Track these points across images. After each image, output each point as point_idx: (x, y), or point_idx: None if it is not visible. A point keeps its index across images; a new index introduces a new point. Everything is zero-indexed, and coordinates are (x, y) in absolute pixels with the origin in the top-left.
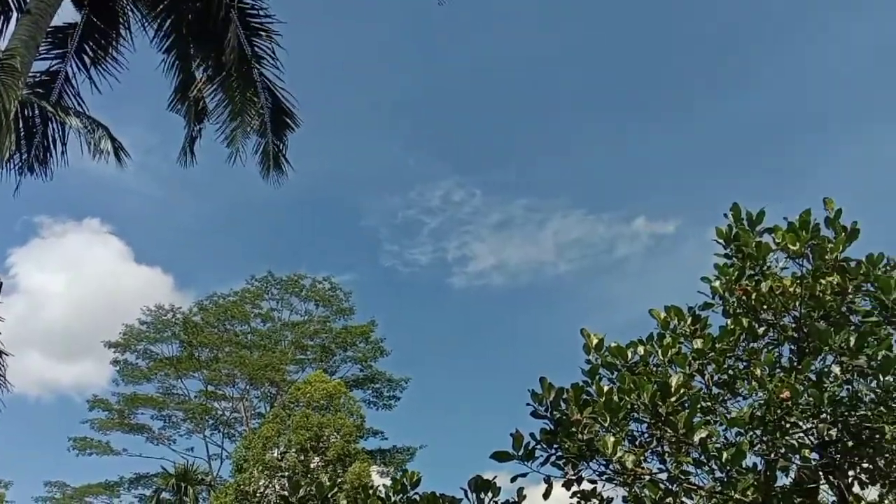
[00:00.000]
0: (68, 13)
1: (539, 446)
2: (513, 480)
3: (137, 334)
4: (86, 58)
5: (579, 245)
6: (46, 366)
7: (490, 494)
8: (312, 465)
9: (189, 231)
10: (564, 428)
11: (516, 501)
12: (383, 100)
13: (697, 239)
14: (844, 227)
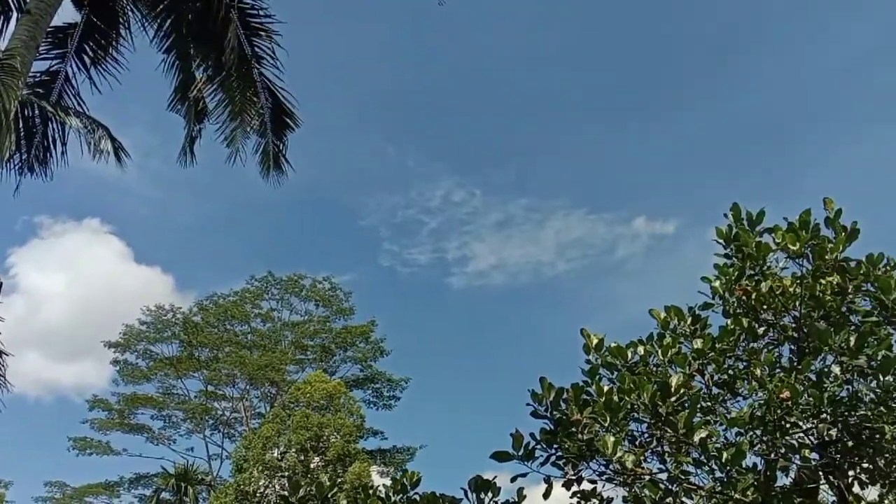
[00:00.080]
0: (68, 13)
1: (539, 446)
2: (513, 480)
3: (137, 334)
4: (86, 58)
5: (579, 245)
6: (46, 366)
7: (490, 494)
8: (312, 465)
9: (189, 231)
10: (564, 428)
11: (516, 501)
12: (383, 100)
13: (697, 239)
14: (844, 227)
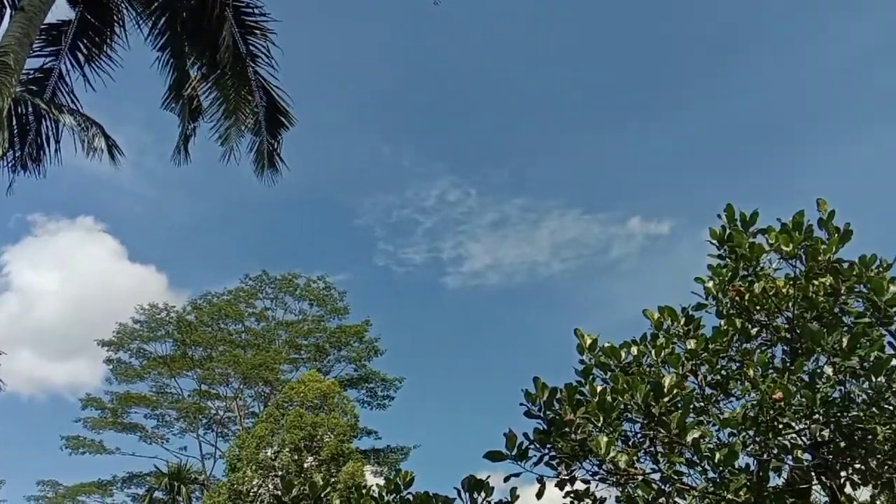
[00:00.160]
0: (62, 10)
1: (532, 446)
2: (506, 480)
3: (131, 333)
4: (80, 55)
5: (574, 245)
6: (39, 364)
7: (483, 494)
8: (306, 465)
9: (183, 229)
10: (558, 428)
11: (509, 501)
12: (378, 99)
13: (692, 239)
14: (837, 228)
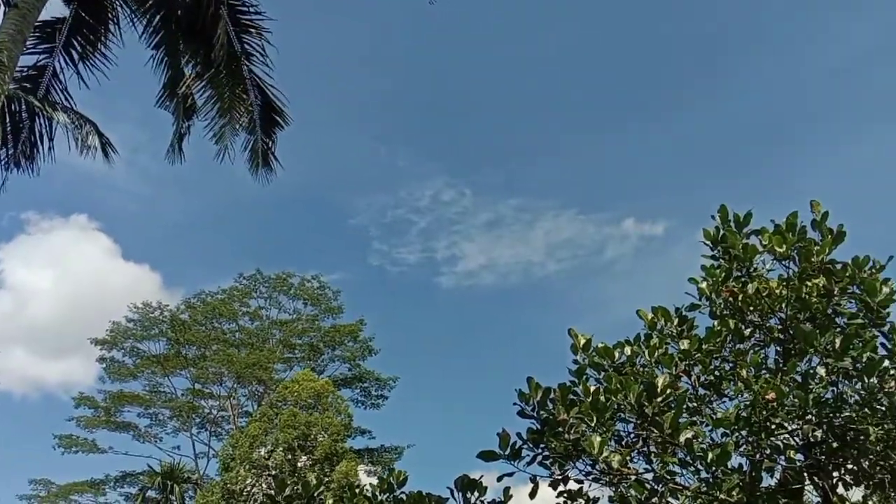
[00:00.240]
0: (56, 7)
1: (526, 446)
2: (499, 480)
3: (124, 332)
4: (74, 53)
5: (569, 245)
6: (32, 363)
7: (476, 494)
8: (299, 464)
9: (177, 228)
10: (551, 427)
11: (502, 501)
12: (373, 98)
13: (686, 240)
14: (830, 229)
